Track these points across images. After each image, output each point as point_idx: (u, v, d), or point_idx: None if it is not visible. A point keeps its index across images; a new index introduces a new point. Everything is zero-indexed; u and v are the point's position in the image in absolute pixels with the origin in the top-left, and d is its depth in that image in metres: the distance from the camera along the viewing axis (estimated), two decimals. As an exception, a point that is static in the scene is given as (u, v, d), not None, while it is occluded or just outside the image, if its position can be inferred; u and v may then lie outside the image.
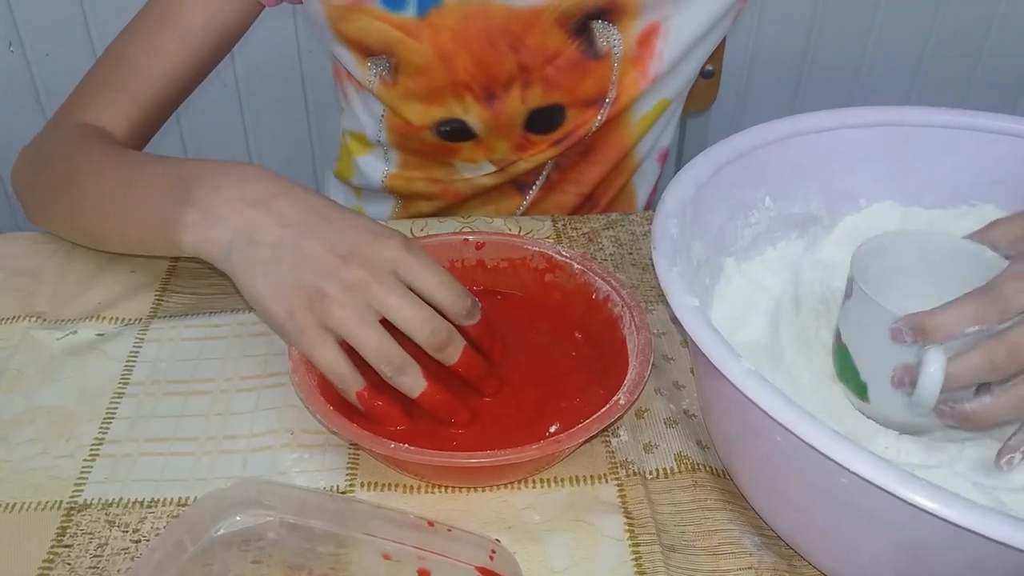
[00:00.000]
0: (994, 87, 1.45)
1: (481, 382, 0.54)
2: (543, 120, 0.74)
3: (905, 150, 0.58)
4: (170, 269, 0.66)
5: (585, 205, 0.84)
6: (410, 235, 0.68)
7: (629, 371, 0.52)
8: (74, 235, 0.66)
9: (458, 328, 0.52)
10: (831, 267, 0.58)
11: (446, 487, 0.51)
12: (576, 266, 0.60)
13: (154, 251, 0.60)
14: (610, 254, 0.69)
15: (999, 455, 0.44)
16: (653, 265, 0.47)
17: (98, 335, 0.60)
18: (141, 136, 0.70)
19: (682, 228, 0.50)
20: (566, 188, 0.81)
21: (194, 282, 0.65)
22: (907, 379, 0.45)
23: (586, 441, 0.51)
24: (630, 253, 0.69)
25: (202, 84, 0.73)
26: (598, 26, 0.70)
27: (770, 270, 0.58)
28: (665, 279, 0.46)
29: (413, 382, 0.50)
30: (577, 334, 0.60)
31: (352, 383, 0.50)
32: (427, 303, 0.51)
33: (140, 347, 0.59)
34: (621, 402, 0.49)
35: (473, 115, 0.73)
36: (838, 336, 0.50)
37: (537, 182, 0.81)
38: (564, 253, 0.61)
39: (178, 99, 0.71)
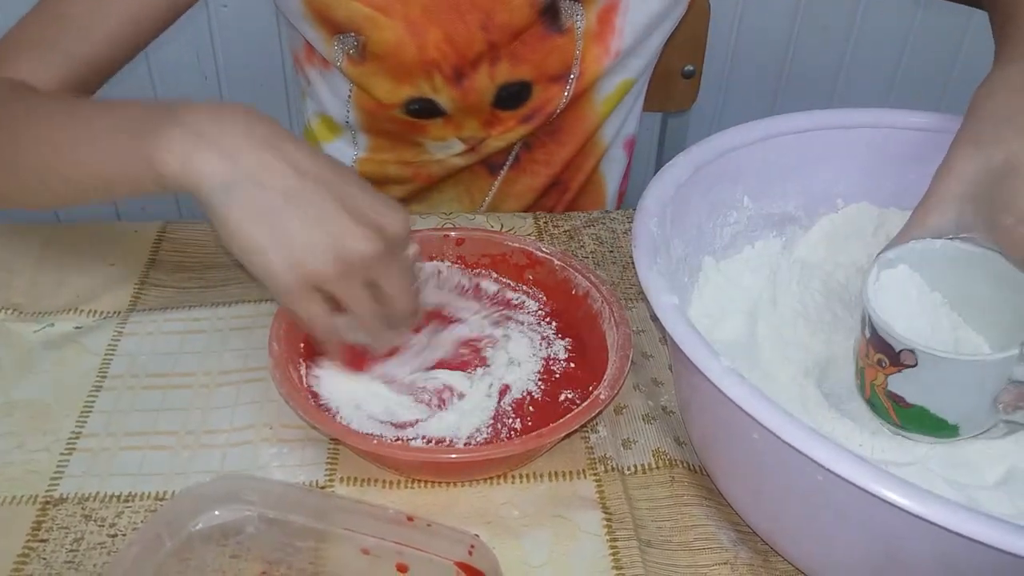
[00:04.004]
0: (970, 92, 1.46)
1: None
2: (511, 96, 0.75)
3: (882, 152, 0.59)
4: (149, 262, 0.66)
5: (555, 188, 0.84)
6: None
7: (609, 366, 0.52)
8: (5, 192, 0.57)
9: None
10: (808, 266, 0.59)
11: (425, 482, 0.51)
12: (556, 262, 0.60)
13: (111, 187, 0.52)
14: (591, 251, 0.69)
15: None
16: (633, 263, 0.48)
17: (76, 328, 0.60)
18: None
19: (662, 226, 0.51)
20: (536, 169, 0.82)
21: (174, 275, 0.65)
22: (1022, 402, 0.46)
23: (566, 436, 0.51)
24: (611, 251, 0.69)
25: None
26: (565, 5, 0.71)
27: (748, 268, 0.58)
28: (645, 277, 0.46)
29: (396, 335, 0.54)
30: (557, 331, 0.60)
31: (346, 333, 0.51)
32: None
33: (119, 340, 0.59)
34: (602, 396, 0.50)
35: (443, 95, 0.73)
36: (897, 399, 0.47)
37: (507, 162, 0.81)
38: (544, 250, 0.61)
39: (117, 65, 0.64)
